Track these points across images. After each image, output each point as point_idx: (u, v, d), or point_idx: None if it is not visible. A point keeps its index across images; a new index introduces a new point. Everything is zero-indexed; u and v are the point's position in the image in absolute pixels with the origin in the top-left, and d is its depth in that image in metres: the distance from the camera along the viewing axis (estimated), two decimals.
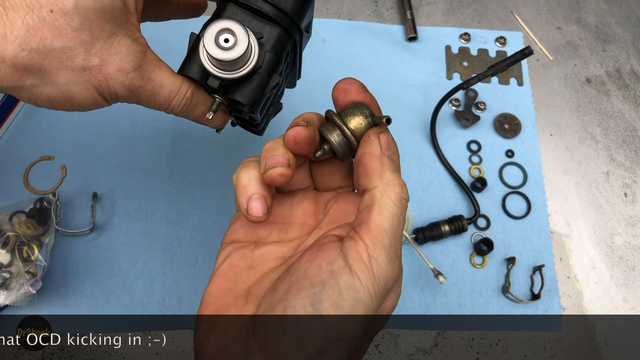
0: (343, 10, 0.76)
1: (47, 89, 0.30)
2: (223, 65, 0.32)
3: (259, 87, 0.34)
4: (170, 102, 0.34)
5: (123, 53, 0.31)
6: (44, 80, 0.30)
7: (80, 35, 0.29)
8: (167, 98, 0.34)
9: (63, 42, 0.29)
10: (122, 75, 0.31)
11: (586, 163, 0.68)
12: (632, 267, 0.63)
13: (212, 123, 0.38)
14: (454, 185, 0.65)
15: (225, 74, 0.33)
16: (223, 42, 0.31)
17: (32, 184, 0.61)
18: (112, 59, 0.30)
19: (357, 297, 0.25)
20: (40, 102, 0.31)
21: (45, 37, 0.28)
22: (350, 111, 0.32)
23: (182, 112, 0.35)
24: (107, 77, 0.31)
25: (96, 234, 0.59)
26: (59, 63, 0.29)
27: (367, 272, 0.26)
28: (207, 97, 0.36)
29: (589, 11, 0.79)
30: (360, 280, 0.25)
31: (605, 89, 0.73)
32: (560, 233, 0.64)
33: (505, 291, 0.59)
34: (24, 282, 0.53)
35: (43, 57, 0.29)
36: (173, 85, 0.34)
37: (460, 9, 0.78)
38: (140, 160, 0.63)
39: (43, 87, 0.30)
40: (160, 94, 0.33)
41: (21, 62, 0.28)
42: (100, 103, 0.32)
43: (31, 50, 0.28)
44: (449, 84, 0.70)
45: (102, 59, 0.30)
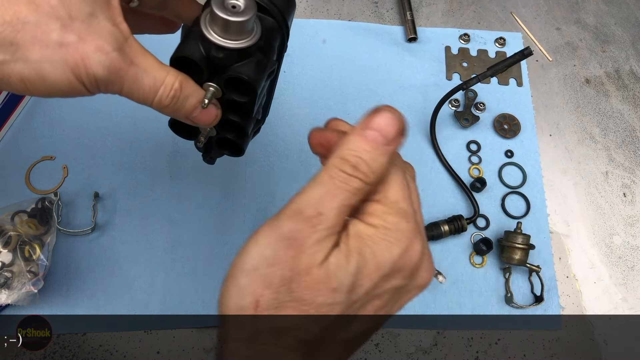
0: (343, 10, 0.76)
1: (18, 66, 0.28)
2: (229, 31, 0.31)
3: (259, 65, 0.33)
4: (157, 92, 0.31)
5: (103, 34, 0.28)
6: (16, 55, 0.28)
7: (58, 11, 0.27)
8: (152, 87, 0.31)
9: (38, 16, 0.27)
10: (101, 54, 0.28)
11: (585, 163, 0.69)
12: (631, 266, 0.63)
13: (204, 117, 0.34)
14: (454, 185, 0.65)
15: (230, 43, 0.31)
16: (231, 7, 0.30)
17: (34, 183, 0.61)
18: (90, 37, 0.28)
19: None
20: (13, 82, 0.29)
21: (20, 10, 0.27)
22: None
23: (171, 106, 0.32)
24: (83, 55, 0.28)
25: (97, 233, 0.59)
26: (33, 37, 0.27)
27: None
28: (198, 89, 0.33)
29: (588, 12, 0.79)
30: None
31: (605, 90, 0.74)
32: (560, 233, 0.64)
33: (509, 302, 0.59)
34: (25, 281, 0.53)
35: (16, 30, 0.27)
36: (159, 73, 0.31)
37: (460, 9, 0.78)
38: (142, 160, 0.63)
39: (15, 64, 0.28)
40: (144, 81, 0.30)
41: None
42: (77, 88, 0.29)
43: (4, 22, 0.26)
44: (448, 85, 0.71)
45: (79, 36, 0.28)
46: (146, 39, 0.38)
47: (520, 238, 0.59)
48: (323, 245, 0.27)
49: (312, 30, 0.73)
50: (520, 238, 0.59)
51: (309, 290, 0.26)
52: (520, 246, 0.58)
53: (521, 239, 0.59)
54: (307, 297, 0.26)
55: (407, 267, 0.28)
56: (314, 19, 0.74)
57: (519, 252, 0.58)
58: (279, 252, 0.26)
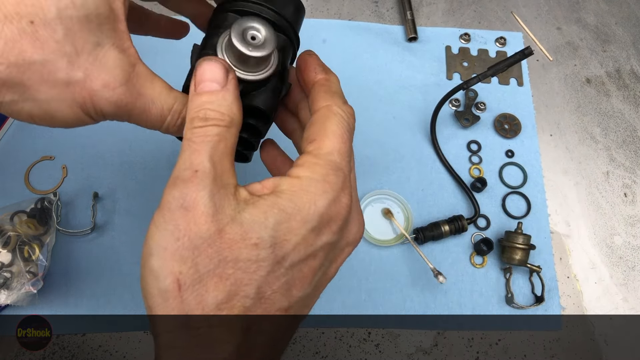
0: (343, 10, 0.76)
1: (27, 105, 0.28)
2: (248, 64, 0.30)
3: (274, 92, 0.33)
4: (164, 121, 0.31)
5: (109, 66, 0.28)
6: (24, 96, 0.27)
7: (63, 47, 0.26)
8: (159, 116, 0.31)
9: (44, 55, 0.26)
10: (108, 90, 0.28)
11: (586, 163, 0.69)
12: (632, 267, 0.63)
13: None
14: (454, 185, 0.65)
15: (249, 75, 0.31)
16: (251, 39, 0.29)
17: (33, 183, 0.61)
18: (97, 72, 0.28)
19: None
20: (21, 118, 0.29)
21: (25, 49, 0.26)
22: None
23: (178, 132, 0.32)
24: (91, 93, 0.28)
25: (97, 233, 0.59)
26: (40, 78, 0.27)
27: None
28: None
29: (589, 11, 0.79)
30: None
31: (605, 89, 0.73)
32: (560, 233, 0.64)
33: (509, 302, 0.59)
34: (25, 281, 0.53)
35: (22, 71, 0.26)
36: (165, 102, 0.30)
37: (460, 9, 0.78)
38: (141, 160, 0.63)
39: (23, 104, 0.28)
40: (151, 112, 0.30)
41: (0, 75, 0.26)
42: (84, 120, 0.30)
43: (9, 64, 0.26)
44: (449, 84, 0.71)
45: (86, 73, 0.27)
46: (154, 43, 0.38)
47: (521, 238, 0.59)
48: (221, 201, 0.26)
49: (312, 30, 0.73)
50: (520, 238, 0.59)
51: (228, 250, 0.25)
52: (521, 246, 0.58)
53: (522, 239, 0.59)
54: (229, 256, 0.25)
55: (335, 221, 0.28)
56: (314, 18, 0.74)
57: (519, 253, 0.58)
58: (178, 223, 0.25)
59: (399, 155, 0.66)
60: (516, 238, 0.59)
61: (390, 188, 0.64)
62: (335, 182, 0.28)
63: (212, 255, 0.25)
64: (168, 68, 0.40)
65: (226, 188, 0.27)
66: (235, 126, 0.29)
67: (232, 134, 0.28)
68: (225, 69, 0.29)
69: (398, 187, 0.64)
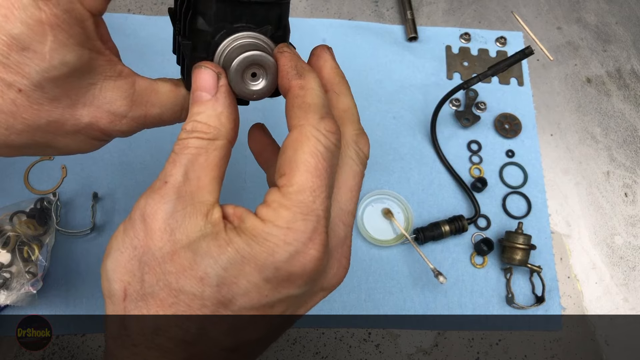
0: (343, 10, 0.76)
1: (49, 151, 0.29)
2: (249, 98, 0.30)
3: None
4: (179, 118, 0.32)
5: (110, 100, 0.28)
6: (43, 149, 0.28)
7: (59, 103, 0.26)
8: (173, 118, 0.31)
9: (45, 117, 0.26)
10: (116, 124, 0.29)
11: (586, 163, 0.69)
12: (633, 267, 0.63)
13: None
14: (454, 185, 0.65)
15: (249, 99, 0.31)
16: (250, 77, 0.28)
17: (33, 184, 0.61)
18: (100, 112, 0.28)
19: None
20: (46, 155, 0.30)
21: (25, 117, 0.26)
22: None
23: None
24: (102, 130, 0.29)
25: (97, 234, 0.59)
26: (51, 135, 0.27)
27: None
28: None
29: (589, 11, 0.79)
30: None
31: (606, 89, 0.73)
32: (561, 233, 0.64)
33: (510, 302, 0.59)
34: (24, 282, 0.53)
35: (32, 134, 0.27)
36: (175, 105, 0.31)
37: (461, 9, 0.78)
38: (141, 160, 0.63)
39: (45, 151, 0.29)
40: (163, 119, 0.31)
41: (13, 143, 0.27)
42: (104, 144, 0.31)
43: (19, 132, 0.26)
44: (449, 84, 0.70)
45: (90, 116, 0.28)
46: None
47: (521, 238, 0.59)
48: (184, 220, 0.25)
49: (311, 30, 0.73)
50: (521, 238, 0.59)
51: (174, 276, 0.24)
52: (521, 246, 0.58)
53: (522, 239, 0.59)
54: (174, 284, 0.24)
55: (300, 275, 0.24)
56: (313, 18, 0.74)
57: (520, 253, 0.58)
58: (137, 232, 0.25)
59: (399, 155, 0.66)
60: (516, 238, 0.59)
61: (390, 188, 0.64)
62: (303, 231, 0.24)
63: (159, 276, 0.24)
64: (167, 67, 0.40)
65: (196, 206, 0.25)
66: (223, 138, 0.27)
67: (217, 147, 0.27)
68: (214, 77, 0.28)
69: (398, 187, 0.64)
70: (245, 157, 0.64)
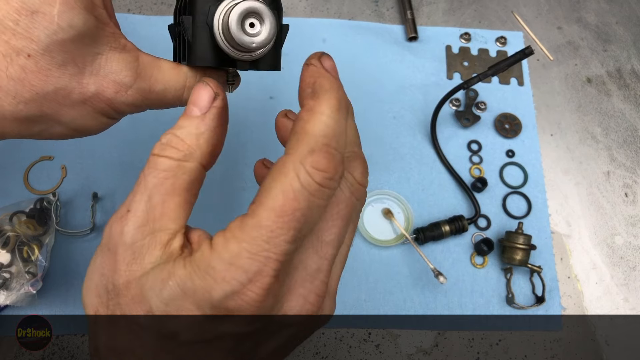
0: (343, 10, 0.76)
1: (56, 129, 0.29)
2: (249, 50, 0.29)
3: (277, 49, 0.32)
4: (181, 98, 0.32)
5: (116, 69, 0.29)
6: (50, 123, 0.29)
7: (67, 70, 0.27)
8: (175, 97, 0.32)
9: (53, 83, 0.27)
10: (122, 94, 0.29)
11: (587, 163, 0.68)
12: (633, 267, 0.63)
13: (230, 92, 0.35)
14: (455, 185, 0.65)
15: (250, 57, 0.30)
16: (249, 27, 0.28)
17: (32, 184, 0.61)
18: (106, 81, 0.29)
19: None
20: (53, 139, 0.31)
21: (34, 84, 0.26)
22: None
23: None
24: (108, 101, 0.29)
25: (96, 234, 0.59)
26: (58, 105, 0.28)
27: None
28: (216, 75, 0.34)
29: (589, 11, 0.79)
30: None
31: (606, 89, 0.73)
32: (561, 233, 0.64)
33: (510, 302, 0.59)
34: (24, 282, 0.53)
35: (40, 104, 0.27)
36: (177, 83, 0.32)
37: (461, 8, 0.78)
38: (141, 160, 0.62)
39: (52, 129, 0.29)
40: (167, 96, 0.32)
41: (21, 114, 0.27)
42: (109, 124, 0.32)
43: (26, 101, 0.27)
44: (449, 84, 0.70)
45: (96, 85, 0.28)
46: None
47: (522, 238, 0.59)
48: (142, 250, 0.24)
49: (311, 30, 0.73)
50: (521, 238, 0.59)
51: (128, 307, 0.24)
52: (522, 246, 0.58)
53: (522, 240, 0.59)
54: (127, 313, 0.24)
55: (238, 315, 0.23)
56: (313, 18, 0.74)
57: (520, 253, 0.58)
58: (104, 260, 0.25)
59: (399, 155, 0.66)
60: (517, 238, 0.59)
61: (391, 188, 0.64)
62: (245, 271, 0.22)
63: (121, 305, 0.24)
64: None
65: (156, 236, 0.25)
66: (195, 161, 0.27)
67: (187, 170, 0.26)
68: (211, 96, 0.28)
69: (398, 187, 0.64)
70: (246, 158, 0.64)
